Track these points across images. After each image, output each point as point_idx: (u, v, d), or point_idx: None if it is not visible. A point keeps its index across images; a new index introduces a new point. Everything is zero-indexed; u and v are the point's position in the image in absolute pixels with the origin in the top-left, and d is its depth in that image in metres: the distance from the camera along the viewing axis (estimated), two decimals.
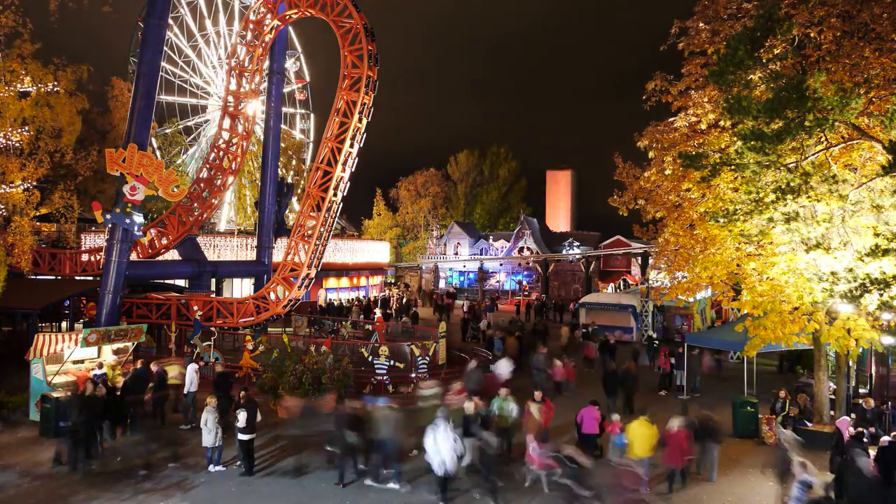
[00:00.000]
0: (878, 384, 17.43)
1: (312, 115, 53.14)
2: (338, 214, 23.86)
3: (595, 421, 14.32)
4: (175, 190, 21.58)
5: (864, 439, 13.09)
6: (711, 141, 16.26)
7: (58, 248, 29.76)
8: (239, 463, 13.62)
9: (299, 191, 41.94)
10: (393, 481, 12.88)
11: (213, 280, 31.09)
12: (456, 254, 67.44)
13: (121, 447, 14.46)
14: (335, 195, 22.90)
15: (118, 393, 15.45)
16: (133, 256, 23.86)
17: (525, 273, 62.54)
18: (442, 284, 63.18)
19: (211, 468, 13.58)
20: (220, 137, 27.15)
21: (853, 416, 14.90)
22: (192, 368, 17.11)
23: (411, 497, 12.47)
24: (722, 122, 16.00)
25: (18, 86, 19.84)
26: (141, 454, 13.55)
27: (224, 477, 13.28)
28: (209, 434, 13.37)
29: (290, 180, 39.00)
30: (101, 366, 17.43)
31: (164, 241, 26.93)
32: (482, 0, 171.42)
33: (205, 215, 27.39)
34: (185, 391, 16.98)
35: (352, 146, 22.67)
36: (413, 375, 20.66)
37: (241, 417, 13.15)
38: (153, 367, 16.88)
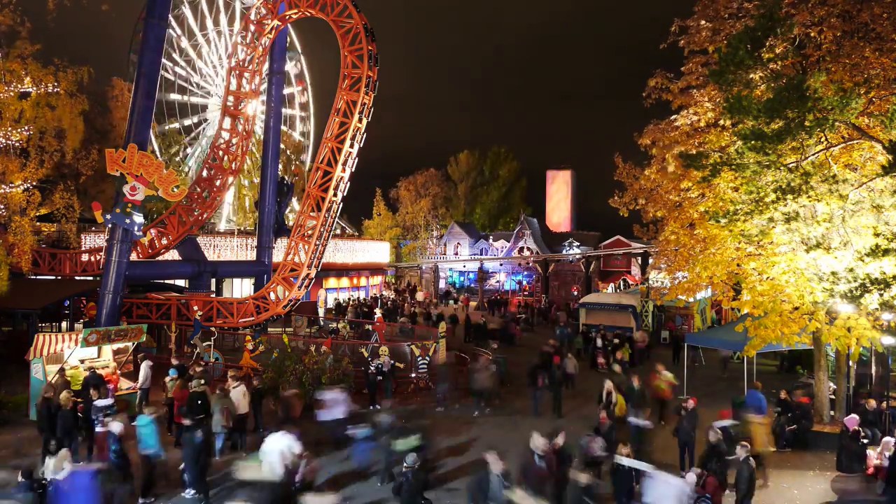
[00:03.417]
0: (877, 384, 17.43)
1: (312, 116, 53.15)
2: (338, 214, 23.87)
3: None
4: (175, 190, 21.58)
5: (865, 440, 13.09)
6: (712, 140, 16.26)
7: (58, 248, 29.77)
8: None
9: (299, 191, 41.94)
10: None
11: (213, 280, 31.10)
12: (456, 254, 67.47)
13: None
14: (335, 195, 22.90)
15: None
16: (133, 256, 23.86)
17: (525, 273, 62.54)
18: (442, 284, 63.17)
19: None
20: (220, 137, 27.16)
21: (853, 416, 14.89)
22: (145, 365, 17.25)
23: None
24: (722, 121, 15.99)
25: (19, 86, 19.83)
26: None
27: (224, 476, 13.27)
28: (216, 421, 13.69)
29: (290, 180, 38.99)
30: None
31: (164, 241, 26.94)
32: None
33: (205, 215, 27.40)
34: (139, 387, 17.27)
35: (352, 146, 22.68)
36: (413, 375, 20.67)
37: None
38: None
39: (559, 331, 30.62)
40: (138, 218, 21.57)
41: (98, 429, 13.20)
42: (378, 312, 31.13)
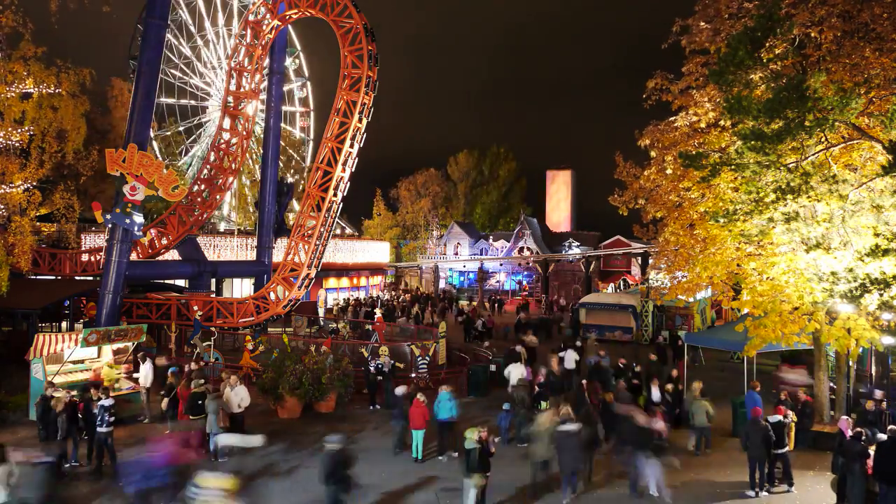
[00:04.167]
0: (877, 384, 17.42)
1: (312, 114, 53.16)
2: (338, 214, 23.88)
3: None
4: (175, 190, 21.58)
5: (864, 439, 13.07)
6: (712, 140, 16.24)
7: (58, 248, 29.77)
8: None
9: (299, 190, 41.96)
10: None
11: (213, 280, 31.11)
12: (456, 254, 67.47)
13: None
14: (335, 195, 22.91)
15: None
16: (133, 256, 23.88)
17: (525, 273, 62.55)
18: (442, 284, 63.19)
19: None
20: (220, 137, 27.17)
21: (853, 416, 14.87)
22: (147, 365, 17.37)
23: (409, 497, 12.49)
24: (722, 122, 15.99)
25: (21, 87, 19.83)
26: None
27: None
28: (212, 422, 13.86)
29: (290, 180, 39.03)
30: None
31: (164, 241, 26.94)
32: None
33: (205, 215, 27.41)
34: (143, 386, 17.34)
35: (352, 146, 22.69)
36: (413, 375, 20.66)
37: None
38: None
39: (591, 362, 20.59)
40: (138, 218, 21.57)
41: (101, 429, 13.21)
42: (378, 312, 31.12)
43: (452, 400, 14.92)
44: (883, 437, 12.40)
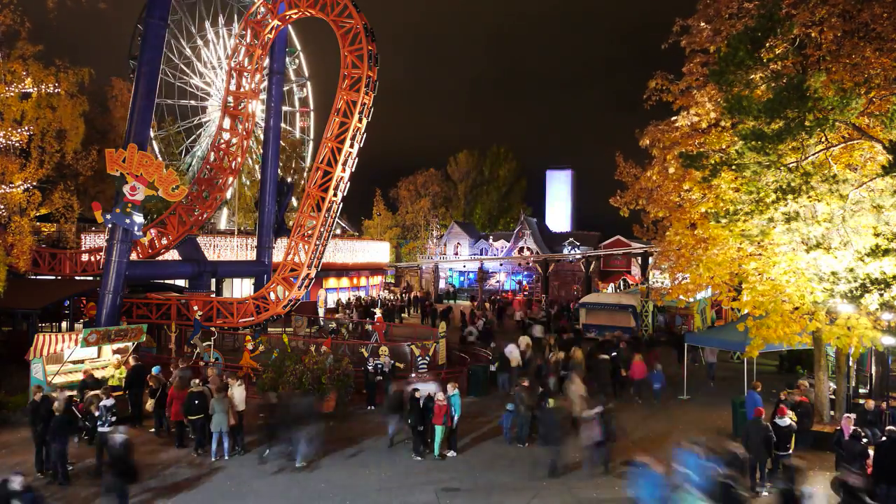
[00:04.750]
0: (878, 384, 17.42)
1: (312, 114, 53.16)
2: (338, 214, 23.87)
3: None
4: (175, 190, 21.57)
5: (864, 440, 13.07)
6: (712, 141, 16.24)
7: (58, 248, 29.76)
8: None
9: (299, 190, 41.96)
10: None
11: (213, 280, 31.10)
12: (456, 254, 67.42)
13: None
14: (335, 195, 22.90)
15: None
16: (133, 256, 23.86)
17: (525, 273, 62.52)
18: (442, 284, 63.15)
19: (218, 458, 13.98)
20: (220, 137, 27.16)
21: (853, 416, 14.87)
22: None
23: (409, 497, 12.48)
24: (723, 122, 15.99)
25: (19, 87, 19.83)
26: None
27: (224, 476, 13.30)
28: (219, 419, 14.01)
29: (290, 180, 39.01)
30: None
31: (164, 241, 26.93)
32: None
33: (205, 215, 27.40)
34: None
35: (352, 146, 22.69)
36: (413, 376, 20.65)
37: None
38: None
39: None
40: (138, 218, 21.56)
41: (103, 429, 13.21)
42: (378, 312, 31.11)
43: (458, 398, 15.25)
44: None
